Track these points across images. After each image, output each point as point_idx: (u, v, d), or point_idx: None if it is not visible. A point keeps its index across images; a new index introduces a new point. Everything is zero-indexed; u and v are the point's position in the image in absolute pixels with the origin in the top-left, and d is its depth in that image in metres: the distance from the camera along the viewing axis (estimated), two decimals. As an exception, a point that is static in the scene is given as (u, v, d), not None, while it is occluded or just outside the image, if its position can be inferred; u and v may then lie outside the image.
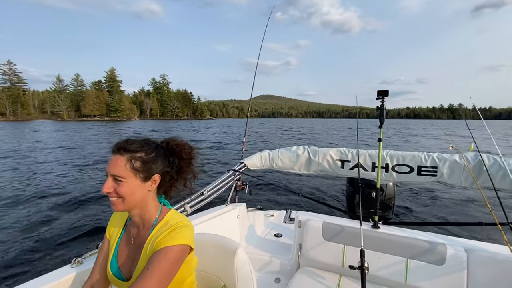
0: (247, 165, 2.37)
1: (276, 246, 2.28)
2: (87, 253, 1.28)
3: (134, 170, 0.86)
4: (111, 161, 0.86)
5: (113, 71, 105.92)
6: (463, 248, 1.52)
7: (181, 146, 0.98)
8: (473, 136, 2.02)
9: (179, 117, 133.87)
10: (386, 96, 1.80)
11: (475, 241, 1.62)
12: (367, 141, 21.10)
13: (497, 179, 1.72)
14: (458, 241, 1.62)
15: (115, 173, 0.84)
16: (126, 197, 0.85)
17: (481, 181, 1.78)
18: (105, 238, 1.04)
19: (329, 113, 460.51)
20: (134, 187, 0.86)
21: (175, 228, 0.87)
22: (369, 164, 2.07)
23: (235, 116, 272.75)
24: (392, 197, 2.11)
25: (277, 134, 31.34)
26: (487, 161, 1.78)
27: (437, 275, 1.51)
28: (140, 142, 0.90)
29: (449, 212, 5.35)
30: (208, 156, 12.64)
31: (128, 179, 0.85)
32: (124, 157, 0.85)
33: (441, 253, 1.51)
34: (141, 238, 0.93)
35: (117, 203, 0.87)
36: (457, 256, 1.49)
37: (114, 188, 0.85)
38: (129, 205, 0.88)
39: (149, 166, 0.88)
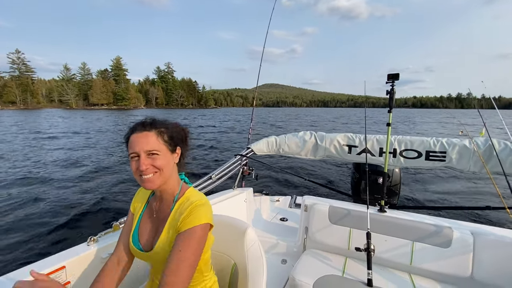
0: (254, 150, 2.40)
1: (282, 229, 2.34)
2: (102, 232, 1.34)
3: (165, 142, 0.92)
4: (140, 138, 0.88)
5: (119, 60, 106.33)
6: (469, 232, 1.54)
7: (176, 124, 1.03)
8: (484, 122, 2.03)
9: (184, 106, 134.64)
10: (397, 79, 1.79)
11: (482, 225, 1.66)
12: (372, 127, 21.65)
13: (507, 164, 1.71)
14: (464, 225, 1.64)
15: (149, 148, 0.87)
16: (164, 168, 0.90)
17: (490, 166, 1.78)
18: (130, 212, 1.09)
19: (334, 102, 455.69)
20: (168, 158, 0.92)
21: (196, 205, 0.89)
22: (377, 149, 2.06)
23: (240, 105, 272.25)
24: (398, 183, 2.12)
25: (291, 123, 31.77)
26: (498, 146, 1.77)
27: (442, 258, 1.53)
28: (159, 120, 0.97)
29: (456, 197, 5.36)
30: (218, 143, 13.26)
31: (162, 151, 0.90)
32: (153, 132, 0.90)
33: (447, 236, 1.53)
34: (163, 212, 0.98)
35: (154, 178, 0.89)
36: (463, 239, 1.51)
37: (150, 163, 0.88)
38: (165, 177, 0.91)
39: (173, 138, 0.95)
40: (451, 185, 5.97)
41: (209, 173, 2.07)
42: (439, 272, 1.55)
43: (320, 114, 65.40)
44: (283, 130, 21.72)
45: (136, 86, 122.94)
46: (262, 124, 26.92)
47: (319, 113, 72.96)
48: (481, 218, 3.85)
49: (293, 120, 37.00)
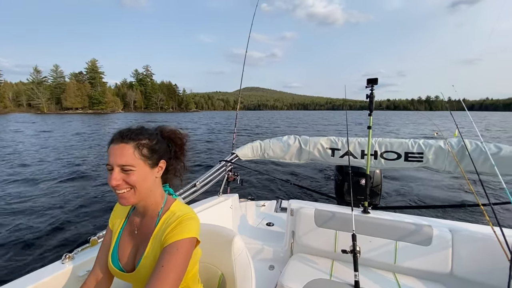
0: (238, 156, 2.38)
1: (268, 234, 2.34)
2: (79, 248, 1.24)
3: (143, 157, 0.84)
4: (116, 150, 0.81)
5: (94, 62, 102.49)
6: (447, 229, 1.60)
7: (174, 132, 0.98)
8: (456, 123, 2.12)
9: (164, 109, 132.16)
10: (375, 84, 1.85)
11: (459, 221, 1.73)
12: (352, 129, 22.30)
13: (479, 163, 1.79)
14: (443, 222, 1.71)
15: (123, 163, 0.80)
16: (138, 186, 0.82)
17: (464, 165, 1.86)
18: (108, 229, 1.01)
19: (314, 105, 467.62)
20: (145, 175, 0.84)
21: (182, 220, 0.85)
22: (359, 151, 2.12)
23: (221, 108, 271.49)
24: (379, 184, 2.19)
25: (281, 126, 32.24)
26: (470, 146, 1.86)
27: (424, 255, 1.58)
28: (142, 129, 0.89)
29: (434, 195, 5.50)
30: (200, 147, 12.79)
31: (138, 167, 0.82)
32: (130, 145, 0.82)
33: (427, 234, 1.59)
34: (146, 229, 0.91)
35: (128, 195, 0.83)
36: (442, 236, 1.57)
37: (123, 179, 0.81)
38: (140, 195, 0.85)
39: (155, 151, 0.87)
40: (430, 185, 6.14)
41: (193, 181, 2.03)
42: (421, 270, 1.60)
43: (301, 117, 67.25)
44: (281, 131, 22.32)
45: (113, 90, 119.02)
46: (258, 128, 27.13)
47: (301, 116, 74.80)
48: (458, 215, 3.96)
49: (282, 121, 38.20)
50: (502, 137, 18.73)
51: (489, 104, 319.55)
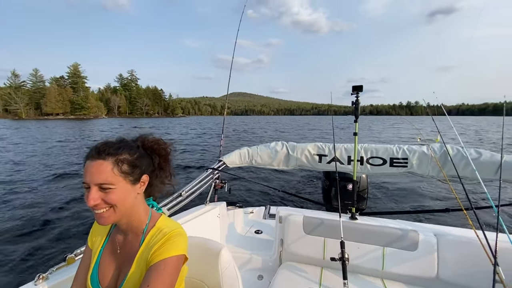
0: (226, 163, 2.34)
1: (257, 243, 2.29)
2: (53, 267, 1.15)
3: (123, 174, 0.78)
4: (93, 168, 0.75)
5: (76, 67, 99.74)
6: (433, 234, 1.62)
7: (157, 142, 0.92)
8: (438, 128, 2.15)
9: (150, 114, 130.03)
10: (361, 91, 1.87)
11: (443, 226, 1.75)
12: (337, 134, 22.95)
13: (460, 168, 1.83)
14: (428, 227, 1.73)
15: (101, 181, 0.74)
16: (118, 204, 0.77)
17: (446, 170, 1.89)
18: (87, 247, 0.94)
19: (300, 111, 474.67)
20: (125, 192, 0.79)
21: (170, 237, 0.81)
22: (345, 157, 2.13)
23: (208, 113, 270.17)
24: (365, 188, 2.21)
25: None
26: (451, 151, 1.91)
27: (411, 260, 1.59)
28: (120, 143, 0.83)
29: (420, 200, 5.56)
30: (187, 155, 12.30)
31: (118, 184, 0.76)
32: (108, 161, 0.76)
33: (413, 239, 1.60)
34: (130, 248, 0.85)
35: (107, 214, 0.77)
36: (428, 241, 1.58)
37: (102, 198, 0.75)
38: (121, 214, 0.79)
39: (137, 166, 0.82)
40: (415, 190, 6.22)
41: (178, 190, 1.96)
42: (408, 275, 1.61)
43: (289, 122, 67.96)
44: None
45: (96, 95, 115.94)
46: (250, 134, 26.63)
47: (288, 122, 75.48)
48: (444, 219, 3.99)
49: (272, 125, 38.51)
50: (473, 140, 19.79)
51: (465, 109, 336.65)
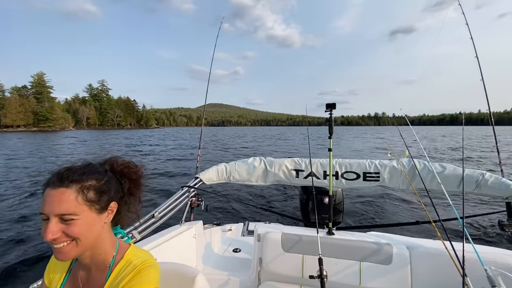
0: (202, 180, 2.28)
1: (235, 262, 2.24)
2: None
3: (89, 202, 0.70)
4: (53, 197, 0.67)
5: (41, 76, 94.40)
6: (405, 246, 1.67)
7: (127, 165, 0.85)
8: (406, 143, 2.24)
9: (122, 126, 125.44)
10: (334, 108, 1.94)
11: (415, 238, 1.84)
12: (311, 142, 23.87)
13: (427, 181, 1.94)
14: (400, 240, 1.79)
15: (62, 212, 0.66)
16: (81, 237, 0.68)
17: (415, 184, 1.99)
18: (43, 285, 0.84)
19: (276, 121, 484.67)
20: (90, 223, 0.70)
21: (140, 269, 0.73)
22: (321, 172, 2.19)
23: (183, 124, 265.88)
24: (341, 201, 2.26)
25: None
26: (419, 166, 2.02)
27: (386, 274, 1.63)
28: (86, 168, 0.75)
29: (392, 212, 5.66)
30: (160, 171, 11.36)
31: (82, 214, 0.68)
32: (72, 189, 0.68)
33: (387, 252, 1.64)
34: (95, 284, 0.76)
35: (68, 249, 0.68)
36: (401, 254, 1.63)
37: (63, 230, 0.66)
38: (84, 247, 0.70)
39: (104, 193, 0.74)
40: (388, 202, 6.31)
41: (151, 211, 1.86)
42: None
43: (267, 133, 69.20)
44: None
45: (63, 105, 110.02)
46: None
47: (266, 132, 76.69)
48: (415, 230, 4.00)
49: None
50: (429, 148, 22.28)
51: (426, 119, 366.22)
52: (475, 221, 4.71)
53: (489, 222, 4.70)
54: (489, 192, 1.91)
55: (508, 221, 1.79)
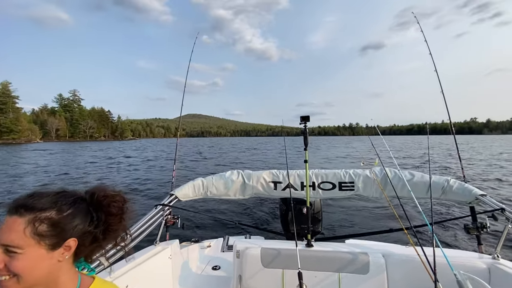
0: (178, 197, 2.19)
1: (214, 281, 2.18)
2: None
3: (37, 236, 0.62)
4: (4, 224, 0.62)
5: (6, 85, 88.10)
6: (381, 254, 1.71)
7: (110, 197, 0.76)
8: (377, 151, 2.28)
9: (95, 138, 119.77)
10: (308, 121, 1.99)
11: (391, 244, 1.95)
12: (289, 152, 22.77)
13: (398, 189, 1.99)
14: (376, 248, 1.84)
15: (7, 242, 0.60)
16: (23, 274, 0.61)
17: (387, 192, 2.04)
18: None
19: (255, 132, 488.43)
20: (36, 260, 0.62)
21: None
22: (299, 183, 2.22)
23: (161, 136, 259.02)
24: (320, 211, 2.29)
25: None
26: (390, 174, 2.08)
27: (364, 283, 1.65)
28: (51, 197, 0.68)
29: (367, 220, 5.71)
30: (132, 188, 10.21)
31: (26, 249, 0.61)
32: (23, 218, 0.62)
33: (364, 261, 1.67)
34: None
35: (9, 285, 0.61)
36: (377, 263, 1.66)
37: (5, 263, 0.60)
38: (27, 286, 0.63)
39: (61, 228, 0.66)
40: (363, 210, 6.37)
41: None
42: None
43: (249, 144, 69.37)
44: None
45: (29, 116, 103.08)
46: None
47: (244, 143, 77.21)
48: (391, 237, 4.03)
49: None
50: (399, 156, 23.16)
51: (396, 129, 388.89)
52: (444, 225, 4.79)
53: (457, 226, 4.86)
54: (454, 197, 1.99)
55: (473, 224, 1.87)
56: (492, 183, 9.75)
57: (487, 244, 3.13)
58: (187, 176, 12.18)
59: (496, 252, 1.65)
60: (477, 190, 1.95)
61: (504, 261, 1.61)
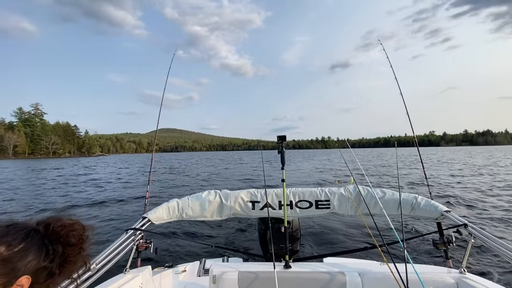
0: (151, 220, 2.06)
1: None
2: None
3: None
4: None
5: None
6: (357, 273, 1.71)
7: (68, 226, 0.70)
8: (349, 168, 2.33)
9: (59, 154, 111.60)
10: (285, 141, 2.02)
11: (367, 262, 1.97)
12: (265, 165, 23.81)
13: (371, 206, 2.02)
14: (352, 266, 1.85)
15: None
16: None
17: (361, 209, 2.05)
18: None
19: (232, 146, 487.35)
20: None
21: None
22: (276, 202, 2.22)
23: (132, 151, 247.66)
24: (298, 228, 2.33)
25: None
26: (363, 192, 2.10)
27: None
28: (4, 229, 0.63)
29: (346, 237, 5.74)
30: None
31: None
32: None
33: (341, 282, 1.66)
34: None
35: None
36: (353, 282, 1.66)
37: None
38: None
39: (12, 265, 0.59)
40: (340, 228, 6.38)
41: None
42: None
43: (217, 157, 67.93)
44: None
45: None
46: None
47: (222, 156, 75.76)
48: (368, 253, 3.96)
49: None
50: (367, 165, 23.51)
51: (364, 142, 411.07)
52: (416, 241, 4.85)
53: (427, 242, 4.88)
54: (422, 214, 2.06)
55: (440, 239, 1.93)
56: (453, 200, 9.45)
57: (456, 258, 3.45)
58: (160, 196, 11.14)
59: (462, 267, 1.73)
60: (442, 206, 2.02)
61: (470, 275, 1.69)
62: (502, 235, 5.48)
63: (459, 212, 7.48)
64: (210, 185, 14.80)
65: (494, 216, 6.86)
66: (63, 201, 10.86)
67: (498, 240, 1.58)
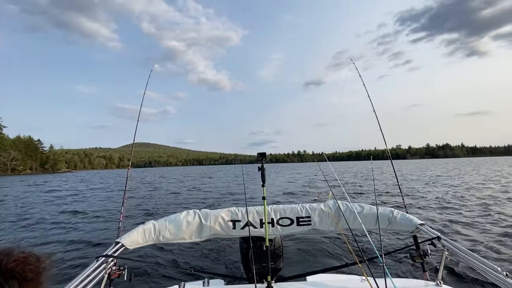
0: (125, 245, 1.92)
1: None
2: None
3: None
4: None
5: None
6: None
7: (22, 262, 0.64)
8: (329, 184, 2.35)
9: (18, 171, 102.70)
10: (265, 158, 2.00)
11: (349, 277, 1.91)
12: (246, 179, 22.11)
13: (351, 222, 2.00)
14: (336, 283, 1.81)
15: None
16: None
17: (341, 224, 2.03)
18: None
19: (209, 160, 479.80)
20: None
21: None
22: (258, 221, 2.18)
23: (102, 167, 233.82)
24: (280, 246, 2.29)
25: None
26: (342, 207, 2.11)
27: None
28: None
29: (329, 253, 5.69)
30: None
31: None
32: None
33: None
34: None
35: None
36: None
37: None
38: None
39: None
40: (321, 245, 6.26)
41: None
42: None
43: (195, 171, 65.00)
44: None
45: None
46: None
47: (196, 171, 74.06)
48: (349, 271, 3.94)
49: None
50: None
51: (338, 156, 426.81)
52: (395, 255, 4.82)
53: (405, 255, 4.89)
54: (399, 227, 2.07)
55: (417, 252, 1.93)
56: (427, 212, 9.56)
57: (434, 270, 3.43)
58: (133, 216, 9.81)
59: (438, 279, 1.74)
60: (417, 220, 2.05)
61: (445, 287, 1.70)
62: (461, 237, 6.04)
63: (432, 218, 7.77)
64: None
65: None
66: (16, 224, 8.96)
67: (469, 252, 1.58)
